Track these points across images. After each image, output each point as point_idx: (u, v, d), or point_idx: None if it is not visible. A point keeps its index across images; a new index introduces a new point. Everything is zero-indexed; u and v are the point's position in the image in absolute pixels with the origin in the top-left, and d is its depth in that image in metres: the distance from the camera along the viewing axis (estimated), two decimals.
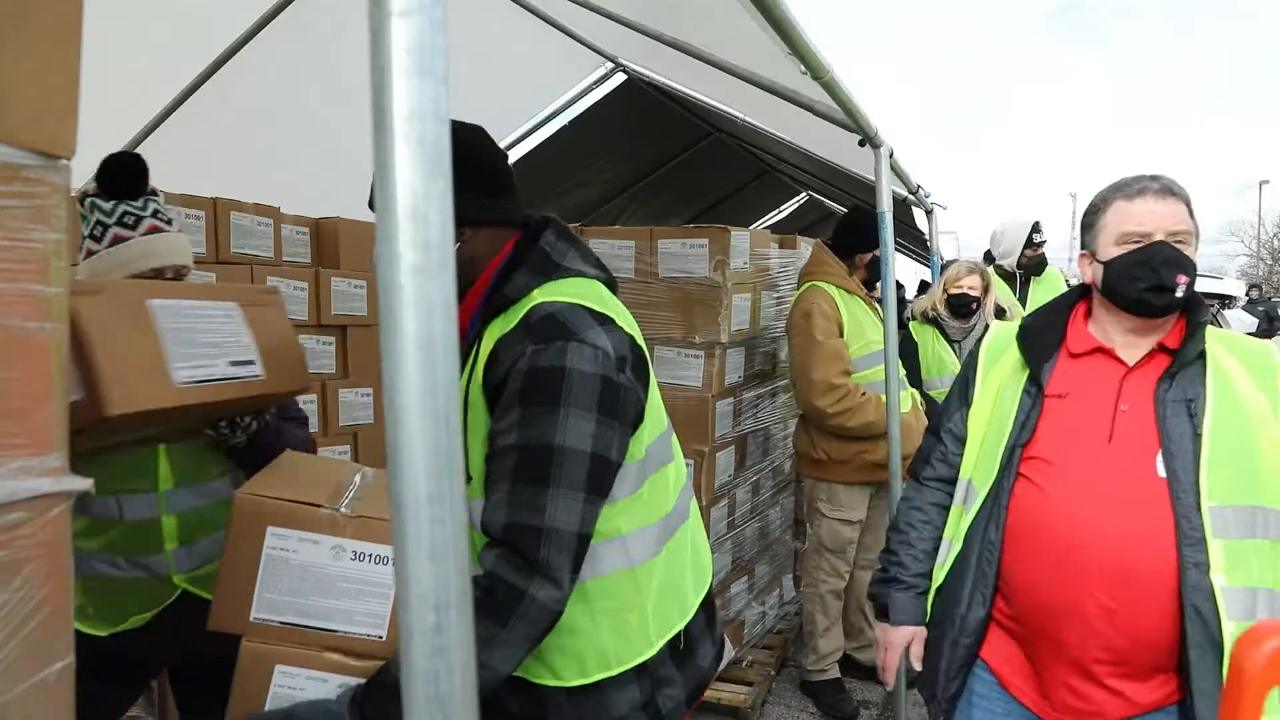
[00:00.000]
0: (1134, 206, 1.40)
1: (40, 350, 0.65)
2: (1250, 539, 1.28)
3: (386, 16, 0.56)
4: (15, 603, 0.64)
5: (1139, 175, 1.45)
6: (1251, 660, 0.87)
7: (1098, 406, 1.40)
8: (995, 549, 1.43)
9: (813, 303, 3.06)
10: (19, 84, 0.60)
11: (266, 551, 1.23)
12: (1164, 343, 1.41)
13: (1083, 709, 1.37)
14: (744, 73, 2.52)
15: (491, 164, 1.35)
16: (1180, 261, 1.36)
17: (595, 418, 1.19)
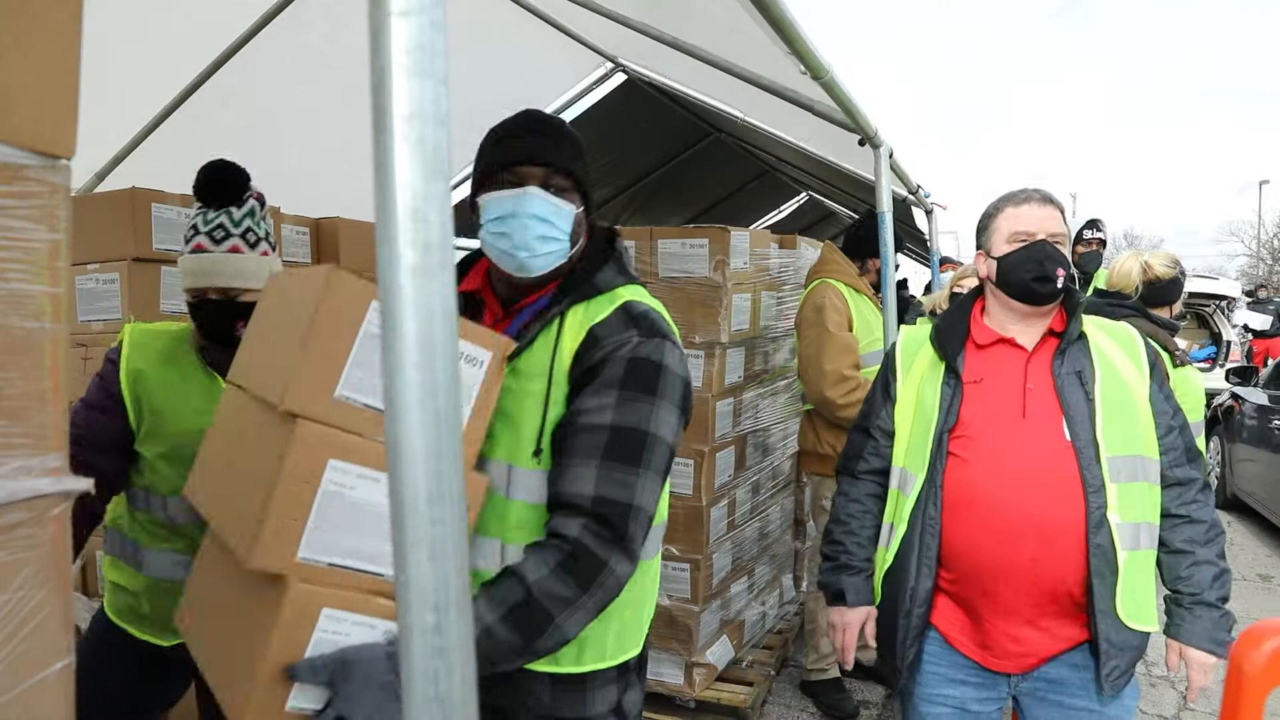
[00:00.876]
0: (1021, 211, 1.67)
1: (40, 350, 0.65)
2: (1134, 482, 1.55)
3: (386, 17, 0.56)
4: (15, 603, 0.64)
5: (1024, 187, 1.73)
6: (1251, 660, 0.87)
7: (1009, 388, 1.63)
8: (935, 524, 1.62)
9: (824, 297, 3.10)
10: (19, 84, 0.60)
11: (324, 486, 1.10)
12: (1052, 327, 1.67)
13: (1019, 651, 1.60)
14: (744, 73, 2.52)
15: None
16: (1058, 258, 1.62)
17: (677, 414, 1.29)
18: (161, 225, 2.53)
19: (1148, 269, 2.59)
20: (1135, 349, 1.65)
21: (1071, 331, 1.63)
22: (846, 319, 3.09)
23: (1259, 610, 4.47)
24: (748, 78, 2.51)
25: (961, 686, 1.67)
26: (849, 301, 3.12)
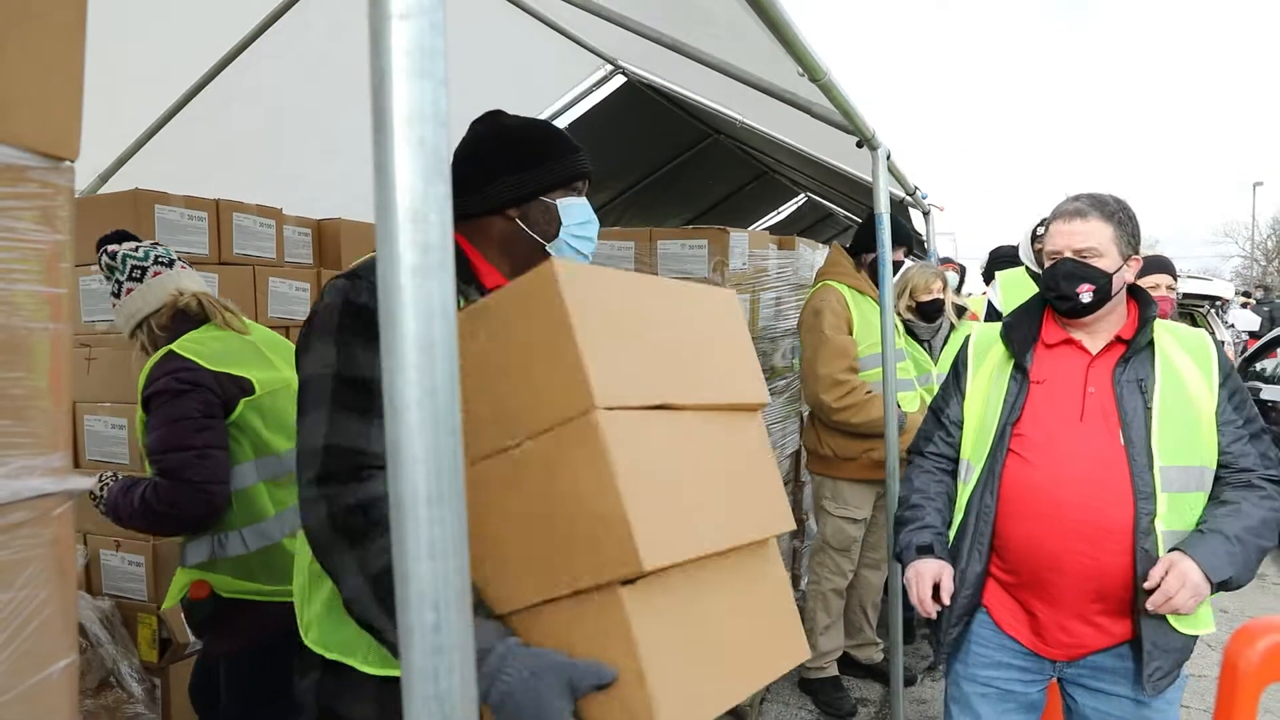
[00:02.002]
0: (1054, 227, 1.72)
1: (44, 350, 0.65)
2: (1187, 492, 1.58)
3: (386, 19, 0.57)
4: (18, 602, 0.64)
5: (1071, 196, 1.74)
6: (1246, 658, 0.87)
7: (1070, 390, 1.67)
8: (990, 512, 1.68)
9: (823, 300, 3.11)
10: (24, 86, 0.61)
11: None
12: (1120, 334, 1.70)
13: (1071, 643, 1.65)
14: (743, 75, 2.53)
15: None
16: (1079, 274, 1.65)
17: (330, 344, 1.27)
18: (164, 226, 2.54)
19: None
20: (1207, 358, 1.66)
21: (1138, 341, 1.66)
22: (845, 321, 3.08)
23: (1254, 608, 4.47)
24: (747, 80, 2.51)
25: (1007, 670, 1.72)
26: (850, 303, 3.11)
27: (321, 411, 1.15)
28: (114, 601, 2.54)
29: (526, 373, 1.05)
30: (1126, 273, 1.69)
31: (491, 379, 1.08)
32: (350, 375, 1.16)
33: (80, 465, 2.55)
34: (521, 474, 1.05)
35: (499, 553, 1.08)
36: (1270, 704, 3.25)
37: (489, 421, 1.07)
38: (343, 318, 1.18)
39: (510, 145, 1.36)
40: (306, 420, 1.16)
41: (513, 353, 1.06)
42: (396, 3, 0.57)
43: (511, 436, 1.05)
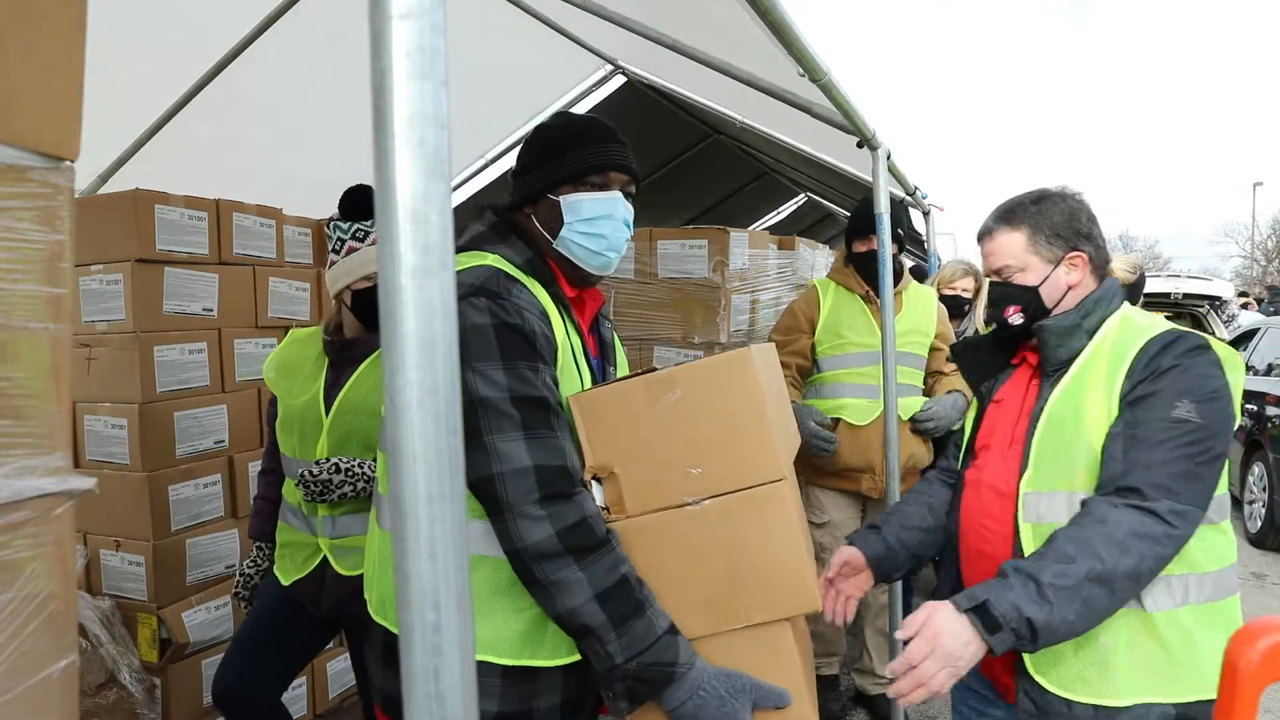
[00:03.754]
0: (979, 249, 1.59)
1: (44, 350, 0.65)
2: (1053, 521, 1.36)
3: (387, 20, 0.57)
4: (19, 601, 0.64)
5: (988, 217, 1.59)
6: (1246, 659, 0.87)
7: (1011, 411, 1.55)
8: (954, 537, 1.58)
9: (795, 300, 3.06)
10: (24, 87, 0.61)
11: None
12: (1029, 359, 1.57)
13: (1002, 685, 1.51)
14: (743, 75, 2.53)
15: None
16: (999, 299, 1.51)
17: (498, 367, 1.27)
18: (164, 226, 2.54)
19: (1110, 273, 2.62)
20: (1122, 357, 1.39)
21: (1047, 364, 1.49)
22: (808, 321, 2.94)
23: (1253, 608, 4.47)
24: (746, 80, 2.51)
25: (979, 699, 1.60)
26: (826, 302, 2.95)
27: (514, 434, 1.17)
28: (114, 601, 2.55)
29: (713, 443, 1.24)
30: (1067, 275, 1.48)
31: (672, 444, 1.24)
32: (524, 395, 1.18)
33: (80, 465, 2.55)
34: (700, 526, 1.24)
35: (669, 590, 1.24)
36: (1270, 704, 3.25)
37: (663, 481, 1.25)
38: (500, 341, 1.19)
39: (532, 144, 1.41)
40: (494, 441, 1.16)
41: (701, 423, 1.24)
42: (397, 3, 0.57)
43: (691, 494, 1.24)
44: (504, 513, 1.16)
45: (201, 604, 2.63)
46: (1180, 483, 1.26)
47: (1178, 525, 1.24)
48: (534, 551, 1.16)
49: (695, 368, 1.27)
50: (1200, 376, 1.33)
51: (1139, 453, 1.29)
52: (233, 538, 2.73)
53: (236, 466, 2.75)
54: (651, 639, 1.18)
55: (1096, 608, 1.22)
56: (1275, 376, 6.15)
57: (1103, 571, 1.20)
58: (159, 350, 2.53)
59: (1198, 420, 1.29)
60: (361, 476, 1.93)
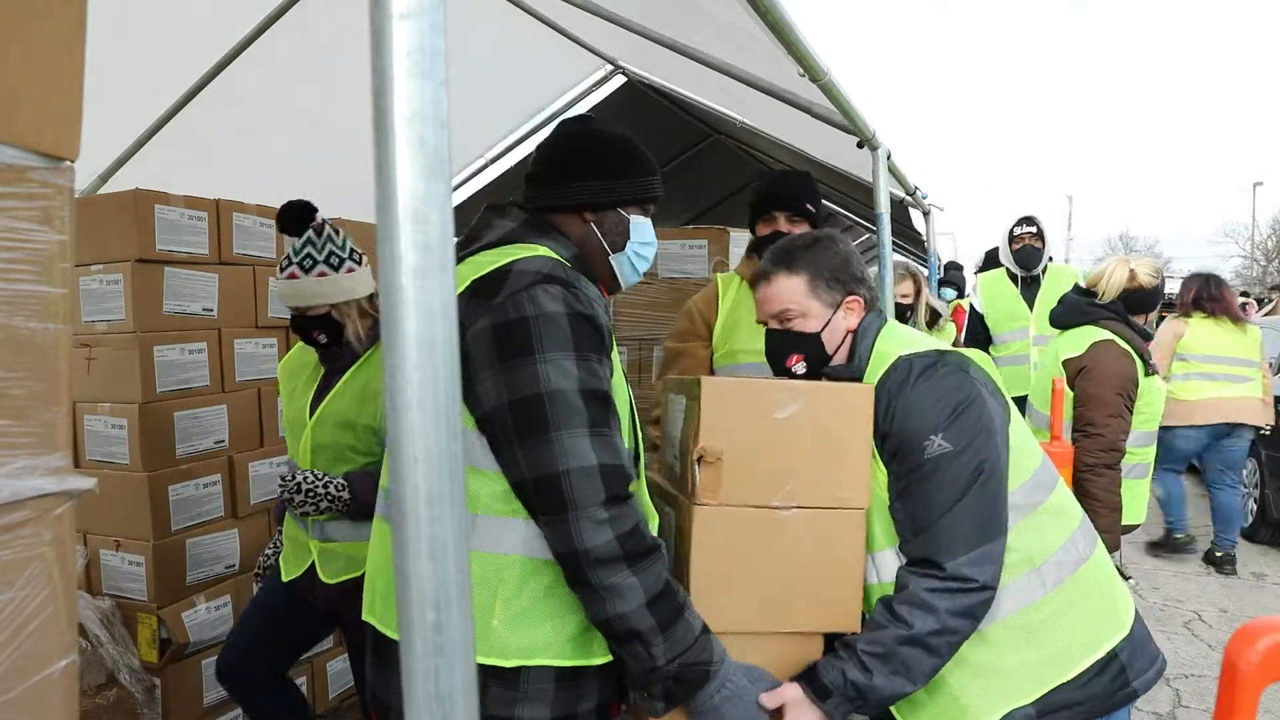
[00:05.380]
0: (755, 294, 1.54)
1: (44, 350, 0.65)
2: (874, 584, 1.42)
3: (387, 19, 0.57)
4: (19, 601, 0.64)
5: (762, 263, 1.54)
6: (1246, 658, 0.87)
7: None
8: None
9: (692, 299, 2.49)
10: (25, 87, 0.61)
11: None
12: None
13: None
14: (743, 75, 2.53)
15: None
16: (781, 346, 1.49)
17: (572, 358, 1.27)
18: (164, 226, 2.54)
19: (1133, 276, 2.62)
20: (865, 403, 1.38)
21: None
22: (704, 323, 2.39)
23: (1253, 608, 4.47)
24: (747, 80, 2.51)
25: None
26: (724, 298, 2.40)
27: (581, 430, 1.15)
28: (114, 601, 2.55)
29: (814, 459, 1.33)
30: (845, 319, 1.47)
31: (779, 448, 1.32)
32: (592, 389, 1.17)
33: (80, 465, 2.55)
34: (781, 530, 1.32)
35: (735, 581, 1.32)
36: (1270, 704, 3.26)
37: (762, 480, 1.32)
38: (574, 330, 1.18)
39: (600, 151, 1.40)
40: (561, 437, 1.14)
41: (810, 438, 1.33)
42: (397, 3, 0.57)
43: (785, 500, 1.33)
44: (567, 512, 1.14)
45: (201, 604, 2.63)
46: (958, 531, 1.29)
47: (976, 577, 1.28)
48: (593, 555, 1.14)
49: (822, 388, 1.39)
50: (938, 399, 1.33)
51: (915, 512, 1.33)
52: (233, 538, 2.73)
53: (236, 466, 2.75)
54: (690, 640, 1.20)
55: (920, 668, 1.29)
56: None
57: (910, 635, 1.28)
58: (159, 350, 2.53)
59: (950, 447, 1.31)
60: (324, 496, 1.96)
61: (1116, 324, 2.58)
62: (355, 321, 2.05)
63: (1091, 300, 2.65)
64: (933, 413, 1.32)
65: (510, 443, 1.17)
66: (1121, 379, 2.48)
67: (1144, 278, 2.64)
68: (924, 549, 1.32)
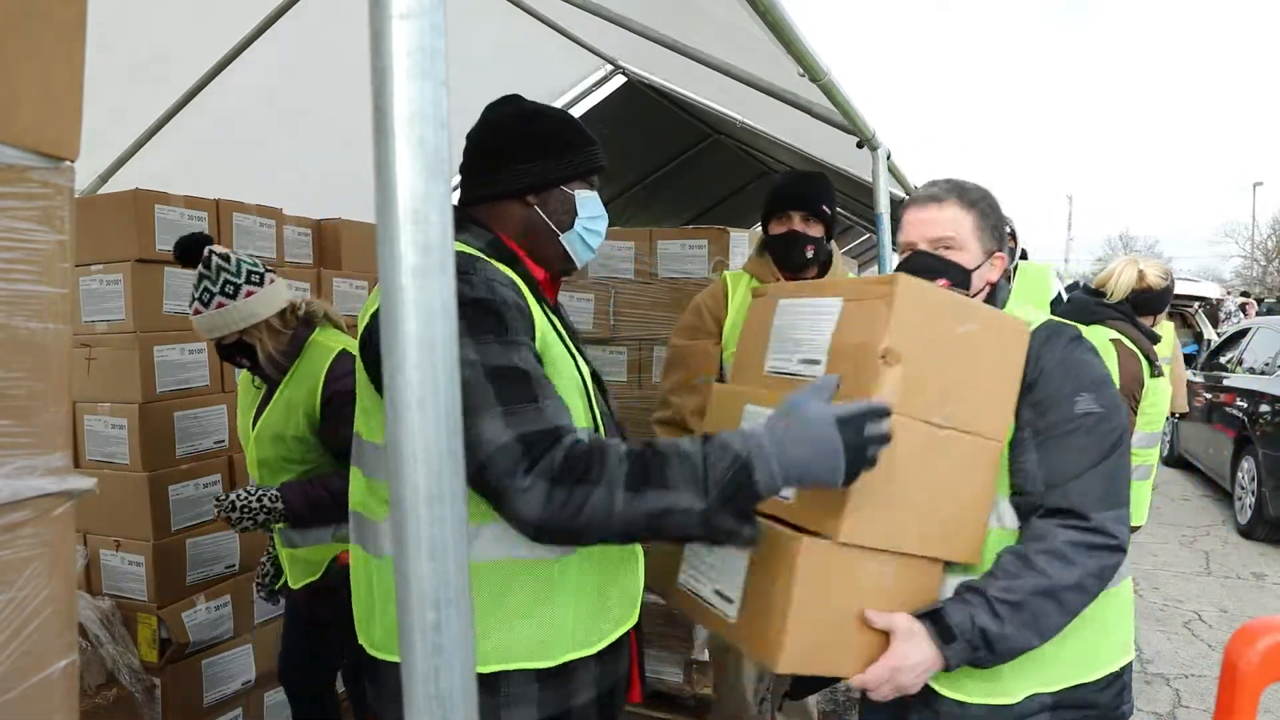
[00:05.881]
0: (908, 216, 1.48)
1: (44, 350, 0.65)
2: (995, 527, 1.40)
3: (387, 19, 0.57)
4: (19, 602, 0.64)
5: (928, 183, 1.50)
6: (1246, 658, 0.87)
7: None
8: None
9: (700, 296, 2.47)
10: (24, 86, 0.61)
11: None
12: None
13: None
14: (743, 75, 2.53)
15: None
16: (933, 269, 1.41)
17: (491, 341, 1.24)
18: (164, 226, 2.54)
19: (1142, 277, 2.64)
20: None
21: None
22: (715, 320, 2.37)
23: (1253, 608, 4.47)
24: (747, 80, 2.52)
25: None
26: (733, 295, 2.39)
27: (492, 410, 1.08)
28: (114, 601, 2.55)
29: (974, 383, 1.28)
30: (990, 271, 1.46)
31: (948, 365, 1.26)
32: (498, 367, 1.11)
33: (80, 465, 2.55)
34: (931, 450, 1.25)
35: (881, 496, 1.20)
36: (1270, 704, 3.25)
37: (930, 394, 1.24)
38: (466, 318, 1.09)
39: (533, 132, 1.36)
40: (475, 424, 1.07)
41: (974, 361, 1.28)
42: (397, 3, 0.57)
43: (945, 419, 1.25)
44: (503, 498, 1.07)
45: (201, 604, 2.63)
46: (1105, 490, 1.28)
47: (1117, 534, 1.26)
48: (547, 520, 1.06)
49: (993, 312, 1.35)
50: (1088, 366, 1.34)
51: (1055, 463, 1.30)
52: (233, 538, 2.73)
53: (236, 466, 2.75)
54: (702, 467, 1.08)
55: (1048, 622, 1.25)
56: (1264, 375, 6.29)
57: (1049, 586, 1.23)
58: (159, 350, 2.53)
59: (1099, 409, 1.30)
60: (260, 510, 2.04)
61: (1124, 324, 2.59)
62: (266, 341, 2.10)
63: (1100, 300, 2.66)
64: (1084, 375, 1.32)
65: None
66: (1128, 379, 2.49)
67: (1153, 279, 2.65)
68: (1066, 499, 1.27)
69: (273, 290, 2.11)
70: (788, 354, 1.37)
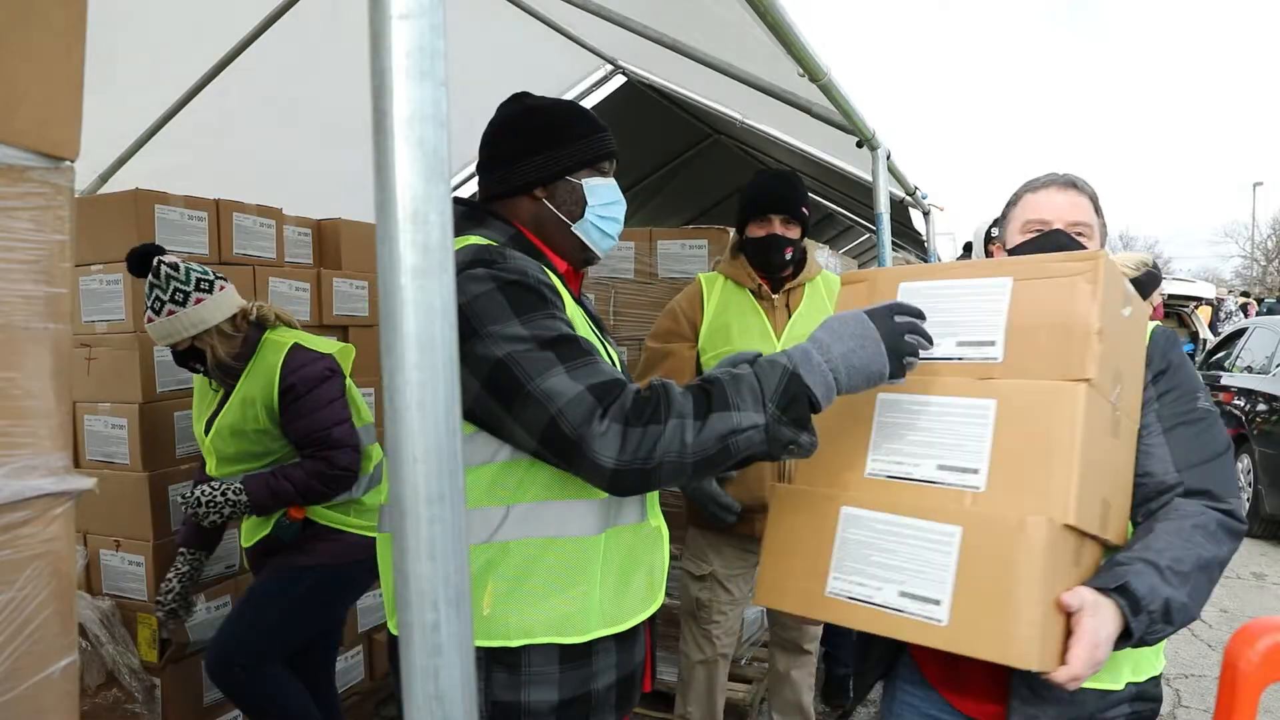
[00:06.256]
0: (1038, 197, 1.48)
1: (44, 350, 0.65)
2: None
3: (387, 20, 0.57)
4: (19, 601, 0.64)
5: (1049, 172, 1.52)
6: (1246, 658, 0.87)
7: None
8: None
9: (676, 298, 2.47)
10: (24, 87, 0.61)
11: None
12: None
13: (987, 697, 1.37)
14: (743, 75, 2.53)
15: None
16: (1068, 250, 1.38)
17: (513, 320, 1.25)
18: (165, 226, 2.54)
19: None
20: None
21: None
22: (690, 324, 2.38)
23: (1253, 608, 4.47)
24: (746, 80, 2.52)
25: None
26: (712, 298, 2.40)
27: (555, 370, 1.12)
28: (114, 601, 2.55)
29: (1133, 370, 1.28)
30: None
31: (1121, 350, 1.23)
32: (550, 338, 1.15)
33: (80, 465, 2.55)
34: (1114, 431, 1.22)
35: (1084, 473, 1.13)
36: (1270, 704, 3.25)
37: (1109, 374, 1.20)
38: (508, 299, 1.17)
39: (535, 125, 1.38)
40: (538, 385, 1.11)
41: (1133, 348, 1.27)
42: (397, 3, 0.57)
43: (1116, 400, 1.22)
44: (580, 447, 1.09)
45: (201, 604, 2.63)
46: (1230, 478, 1.31)
47: (1244, 521, 1.28)
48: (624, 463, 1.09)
49: (1139, 300, 1.34)
50: (1192, 368, 1.40)
51: (1192, 448, 1.31)
52: (233, 537, 2.73)
53: None
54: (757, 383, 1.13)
55: (1200, 597, 1.21)
56: (1261, 374, 6.32)
57: (1209, 559, 1.21)
58: (159, 350, 2.53)
59: (1214, 409, 1.36)
60: (225, 503, 2.16)
61: None
62: (217, 347, 2.18)
63: None
64: (1198, 378, 1.39)
65: (505, 419, 1.15)
66: None
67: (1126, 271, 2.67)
68: (1205, 481, 1.29)
69: (223, 297, 2.19)
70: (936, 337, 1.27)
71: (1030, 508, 1.10)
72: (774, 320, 2.36)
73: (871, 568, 1.19)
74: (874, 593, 1.18)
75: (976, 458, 1.17)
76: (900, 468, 1.24)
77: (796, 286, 2.39)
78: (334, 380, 2.25)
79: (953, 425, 1.21)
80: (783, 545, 1.29)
